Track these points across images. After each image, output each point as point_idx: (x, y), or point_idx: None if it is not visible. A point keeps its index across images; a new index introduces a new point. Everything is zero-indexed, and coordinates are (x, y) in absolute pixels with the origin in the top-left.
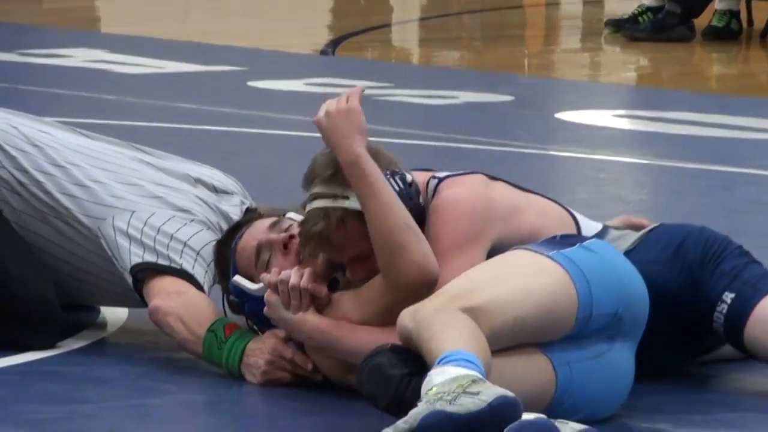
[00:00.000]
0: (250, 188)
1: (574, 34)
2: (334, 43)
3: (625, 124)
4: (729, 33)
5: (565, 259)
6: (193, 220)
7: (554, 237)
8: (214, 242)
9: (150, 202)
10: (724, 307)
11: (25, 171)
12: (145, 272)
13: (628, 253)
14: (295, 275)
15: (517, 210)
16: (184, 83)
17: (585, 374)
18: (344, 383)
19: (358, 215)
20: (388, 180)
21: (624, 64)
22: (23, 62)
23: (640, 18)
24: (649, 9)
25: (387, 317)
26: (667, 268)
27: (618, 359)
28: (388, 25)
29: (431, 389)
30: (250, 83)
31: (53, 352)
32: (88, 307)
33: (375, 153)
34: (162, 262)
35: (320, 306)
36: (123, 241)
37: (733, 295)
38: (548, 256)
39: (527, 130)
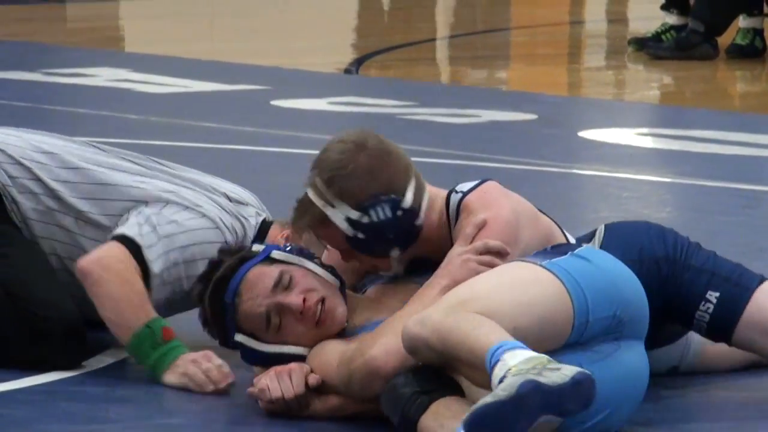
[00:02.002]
0: (273, 207)
1: (597, 52)
2: (358, 62)
3: (649, 143)
4: (753, 51)
5: (559, 269)
6: (203, 216)
7: (545, 249)
8: (214, 243)
9: (166, 189)
10: (709, 307)
11: (40, 180)
12: (119, 238)
13: None
14: (285, 388)
15: (534, 215)
16: (208, 102)
17: (598, 375)
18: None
19: (336, 226)
20: (375, 207)
21: (647, 82)
22: (47, 81)
23: (663, 36)
24: (672, 27)
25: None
26: (635, 267)
27: (628, 358)
28: (411, 44)
29: (510, 368)
30: (274, 102)
31: (77, 372)
32: None
33: (389, 152)
34: (139, 241)
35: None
36: (126, 218)
37: (717, 294)
38: (543, 267)
39: (550, 148)
